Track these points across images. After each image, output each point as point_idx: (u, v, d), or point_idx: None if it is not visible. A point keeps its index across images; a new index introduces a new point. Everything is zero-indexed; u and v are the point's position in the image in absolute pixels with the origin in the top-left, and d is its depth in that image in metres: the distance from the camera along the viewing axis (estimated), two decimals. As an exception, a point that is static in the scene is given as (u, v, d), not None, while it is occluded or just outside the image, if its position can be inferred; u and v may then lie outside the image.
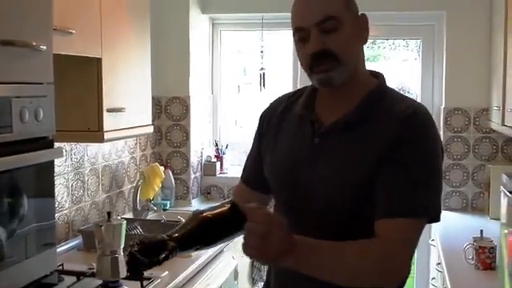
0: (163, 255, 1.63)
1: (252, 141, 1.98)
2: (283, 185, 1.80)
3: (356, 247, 1.56)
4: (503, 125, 3.34)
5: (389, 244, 1.56)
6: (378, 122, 1.65)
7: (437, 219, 1.64)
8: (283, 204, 1.81)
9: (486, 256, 2.81)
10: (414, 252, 1.62)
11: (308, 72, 1.70)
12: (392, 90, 1.77)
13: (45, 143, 1.73)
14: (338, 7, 1.65)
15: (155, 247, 1.66)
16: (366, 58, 1.77)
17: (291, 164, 1.77)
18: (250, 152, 1.99)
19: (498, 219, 1.96)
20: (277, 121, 1.86)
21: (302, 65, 1.72)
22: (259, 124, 1.94)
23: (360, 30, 1.69)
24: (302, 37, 1.66)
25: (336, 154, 1.68)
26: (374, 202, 1.60)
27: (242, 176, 2.03)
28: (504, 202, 1.83)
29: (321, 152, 1.71)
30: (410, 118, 1.63)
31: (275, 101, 1.94)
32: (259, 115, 1.95)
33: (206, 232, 1.71)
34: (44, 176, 1.75)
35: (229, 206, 1.77)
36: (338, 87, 1.69)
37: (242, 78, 5.06)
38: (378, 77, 1.77)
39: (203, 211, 1.72)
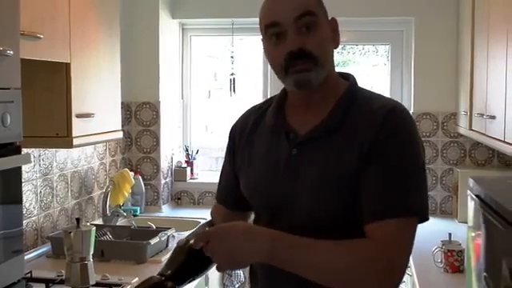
0: None
1: (224, 156, 1.90)
2: (263, 202, 1.74)
3: (336, 245, 1.51)
4: (470, 129, 3.39)
5: (383, 249, 1.49)
6: (356, 123, 1.59)
7: (426, 218, 1.58)
8: (264, 221, 1.71)
9: (454, 259, 2.84)
10: (410, 254, 1.55)
11: (282, 74, 1.62)
12: (365, 90, 1.72)
13: (12, 149, 1.71)
14: (314, 4, 1.62)
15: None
16: (336, 64, 1.75)
17: (269, 179, 1.69)
18: (223, 170, 1.90)
19: (466, 222, 1.98)
20: (248, 135, 1.79)
21: (273, 66, 1.66)
22: (230, 140, 1.86)
23: (333, 33, 1.66)
24: (276, 32, 1.59)
25: (317, 162, 1.61)
26: (360, 207, 1.54)
27: (217, 196, 1.95)
28: (471, 205, 1.85)
29: (300, 163, 1.63)
30: (390, 114, 1.58)
31: (244, 114, 1.87)
32: (229, 130, 1.87)
33: (197, 261, 1.71)
34: (11, 182, 1.73)
35: (208, 227, 1.80)
36: (312, 91, 1.63)
37: (213, 83, 5.05)
38: (348, 78, 1.72)
39: (188, 240, 1.69)
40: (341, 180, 1.57)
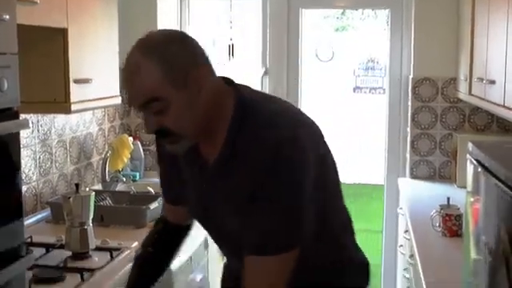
0: None
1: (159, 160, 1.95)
2: (197, 219, 1.89)
3: None
4: (470, 94, 3.38)
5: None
6: (245, 158, 1.59)
7: (287, 250, 1.59)
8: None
9: (452, 223, 2.85)
10: (282, 283, 1.60)
11: None
12: (255, 106, 1.64)
13: (10, 114, 1.70)
14: (159, 87, 1.52)
15: None
16: (335, 29, 1.73)
17: (196, 204, 1.81)
18: (162, 172, 1.97)
19: (465, 187, 1.98)
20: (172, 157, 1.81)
21: None
22: (159, 152, 1.91)
23: (193, 96, 1.56)
24: (140, 109, 1.58)
25: (222, 192, 1.68)
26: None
27: (162, 194, 2.03)
28: (470, 169, 1.85)
29: (212, 191, 1.71)
30: (272, 153, 1.55)
31: None
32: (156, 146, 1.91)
33: (152, 265, 1.89)
34: (9, 148, 1.73)
35: (162, 225, 1.92)
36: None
37: (211, 48, 5.02)
38: (233, 86, 1.67)
39: (142, 246, 1.96)
40: (238, 207, 1.63)
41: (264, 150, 1.56)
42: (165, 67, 1.51)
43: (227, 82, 1.68)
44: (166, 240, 1.99)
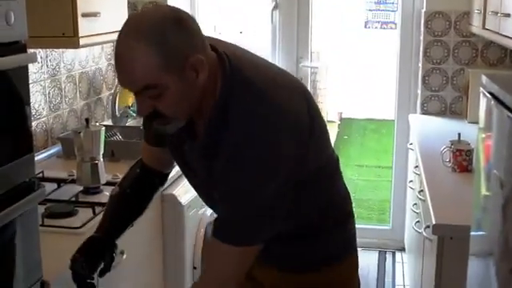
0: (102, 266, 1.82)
1: None
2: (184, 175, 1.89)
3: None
4: (484, 28, 3.32)
5: (213, 274, 1.66)
6: (226, 144, 1.56)
7: (246, 244, 1.61)
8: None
9: (462, 159, 2.85)
10: (236, 275, 1.64)
11: None
12: (239, 86, 1.57)
13: (17, 48, 1.68)
14: (156, 75, 1.47)
15: (95, 250, 1.76)
16: None
17: (183, 168, 1.83)
18: None
19: (476, 123, 1.96)
20: None
21: None
22: None
23: (190, 82, 1.51)
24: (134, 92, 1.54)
25: (203, 173, 1.69)
26: None
27: (144, 136, 1.98)
28: (483, 103, 1.83)
29: (197, 169, 1.72)
30: (242, 139, 1.54)
31: None
32: None
33: (128, 206, 1.87)
34: (18, 82, 1.71)
35: (139, 170, 1.90)
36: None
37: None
38: (219, 56, 1.60)
39: (120, 186, 1.93)
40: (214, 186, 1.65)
41: (246, 132, 1.54)
42: (162, 54, 1.45)
43: (213, 49, 1.61)
44: (144, 185, 1.96)
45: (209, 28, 4.78)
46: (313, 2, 4.43)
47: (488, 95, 1.73)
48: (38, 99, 3.00)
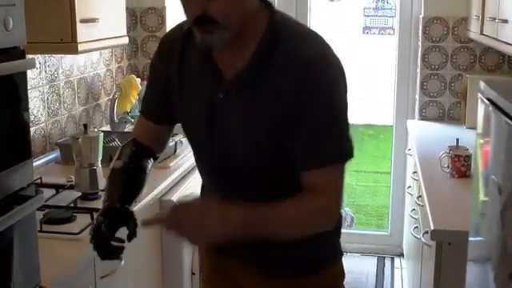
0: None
1: (152, 66, 1.87)
2: (199, 144, 1.79)
3: (290, 207, 1.60)
4: (482, 34, 3.33)
5: (321, 196, 1.61)
6: (277, 73, 1.59)
7: (352, 157, 1.67)
8: (202, 157, 1.80)
9: (461, 164, 2.85)
10: (342, 194, 1.66)
11: (194, 32, 1.61)
12: (287, 25, 1.65)
13: (16, 54, 1.68)
14: None
15: (117, 217, 1.71)
16: None
17: (201, 123, 1.72)
18: (153, 87, 1.88)
19: (474, 128, 1.97)
20: (178, 63, 1.75)
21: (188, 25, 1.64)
22: (161, 58, 1.82)
23: None
24: None
25: (241, 111, 1.64)
26: (291, 156, 1.62)
27: (142, 110, 1.94)
28: (481, 109, 1.83)
29: (227, 109, 1.66)
30: (313, 64, 1.58)
31: (172, 31, 1.83)
32: (158, 48, 1.83)
33: (137, 178, 1.83)
34: (17, 88, 1.71)
35: (134, 147, 1.86)
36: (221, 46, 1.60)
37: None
38: (268, 6, 1.65)
39: (123, 161, 1.82)
40: (264, 134, 1.62)
41: (304, 63, 1.57)
42: None
43: (264, 1, 1.67)
44: (143, 161, 1.88)
45: None
46: (311, 7, 4.44)
47: (486, 101, 1.73)
48: (36, 105, 3.00)
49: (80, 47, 2.63)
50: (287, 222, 1.61)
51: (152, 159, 1.90)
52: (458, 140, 2.98)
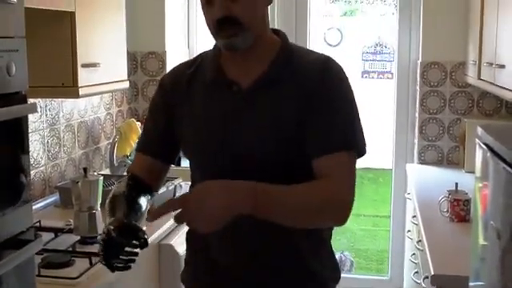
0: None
1: (152, 105, 1.92)
2: (210, 151, 1.77)
3: (304, 189, 1.62)
4: (479, 79, 3.36)
5: (333, 182, 1.63)
6: (295, 73, 1.70)
7: (364, 152, 1.73)
8: (211, 171, 1.76)
9: (460, 208, 2.85)
10: (354, 187, 1.68)
11: (214, 36, 1.71)
12: (296, 45, 1.83)
13: (18, 99, 1.70)
14: None
15: (129, 231, 1.67)
16: (343, 13, 1.79)
17: (216, 129, 1.74)
18: (153, 123, 1.91)
19: (473, 172, 1.97)
20: (186, 92, 1.80)
21: (208, 27, 1.71)
22: (162, 90, 1.88)
23: None
24: (207, 0, 1.65)
25: (262, 111, 1.70)
26: (302, 149, 1.67)
27: (139, 146, 1.97)
28: (479, 154, 1.84)
29: (247, 112, 1.71)
30: (327, 63, 1.73)
31: (174, 69, 1.90)
32: (160, 83, 1.90)
33: (136, 205, 1.80)
34: (18, 132, 1.73)
35: (131, 181, 1.86)
36: (246, 49, 1.69)
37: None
38: (278, 34, 1.80)
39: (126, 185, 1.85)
40: (286, 125, 1.67)
41: (319, 63, 1.72)
42: None
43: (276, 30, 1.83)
44: (140, 192, 1.87)
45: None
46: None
47: (484, 146, 1.74)
48: (36, 148, 3.01)
49: (81, 91, 2.65)
50: (296, 200, 1.61)
51: (149, 196, 1.90)
52: (457, 184, 2.99)
